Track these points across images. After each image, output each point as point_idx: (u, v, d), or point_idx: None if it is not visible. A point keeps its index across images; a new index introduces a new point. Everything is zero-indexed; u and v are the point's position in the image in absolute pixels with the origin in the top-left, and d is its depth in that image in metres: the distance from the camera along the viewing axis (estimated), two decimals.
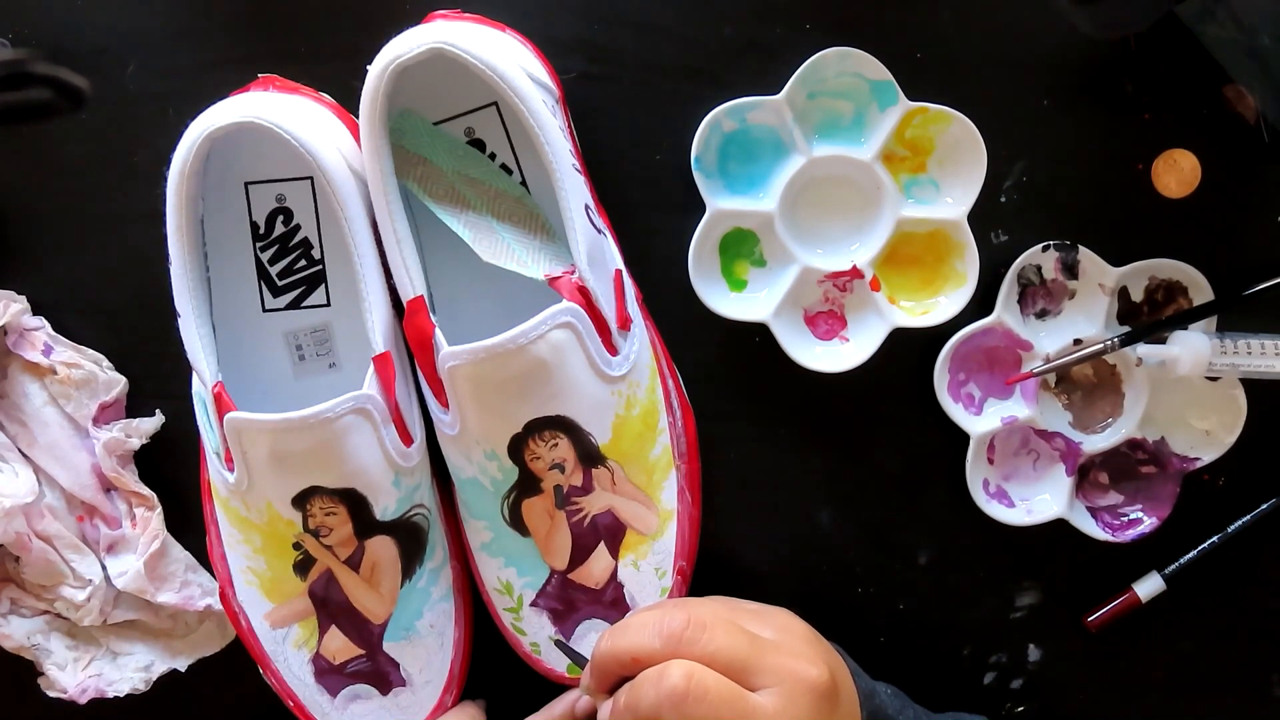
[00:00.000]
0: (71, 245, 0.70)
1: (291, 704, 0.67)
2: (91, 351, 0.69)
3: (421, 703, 0.67)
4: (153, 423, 0.68)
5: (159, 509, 0.68)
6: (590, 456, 0.64)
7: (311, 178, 0.66)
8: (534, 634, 0.67)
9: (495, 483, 0.64)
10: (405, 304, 0.61)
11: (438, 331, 0.60)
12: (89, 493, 0.68)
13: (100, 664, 0.70)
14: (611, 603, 0.66)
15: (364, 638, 0.66)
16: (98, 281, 0.70)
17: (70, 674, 0.69)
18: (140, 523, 0.68)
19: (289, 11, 0.69)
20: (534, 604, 0.66)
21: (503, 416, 0.62)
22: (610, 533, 0.65)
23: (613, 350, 0.63)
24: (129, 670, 0.70)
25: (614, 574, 0.66)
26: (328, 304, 0.68)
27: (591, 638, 0.66)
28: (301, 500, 0.62)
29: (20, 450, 0.69)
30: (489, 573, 0.67)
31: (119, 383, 0.68)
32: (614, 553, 0.66)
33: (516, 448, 0.63)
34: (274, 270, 0.67)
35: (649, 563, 0.66)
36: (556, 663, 0.67)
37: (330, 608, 0.65)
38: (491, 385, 0.60)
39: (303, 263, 0.67)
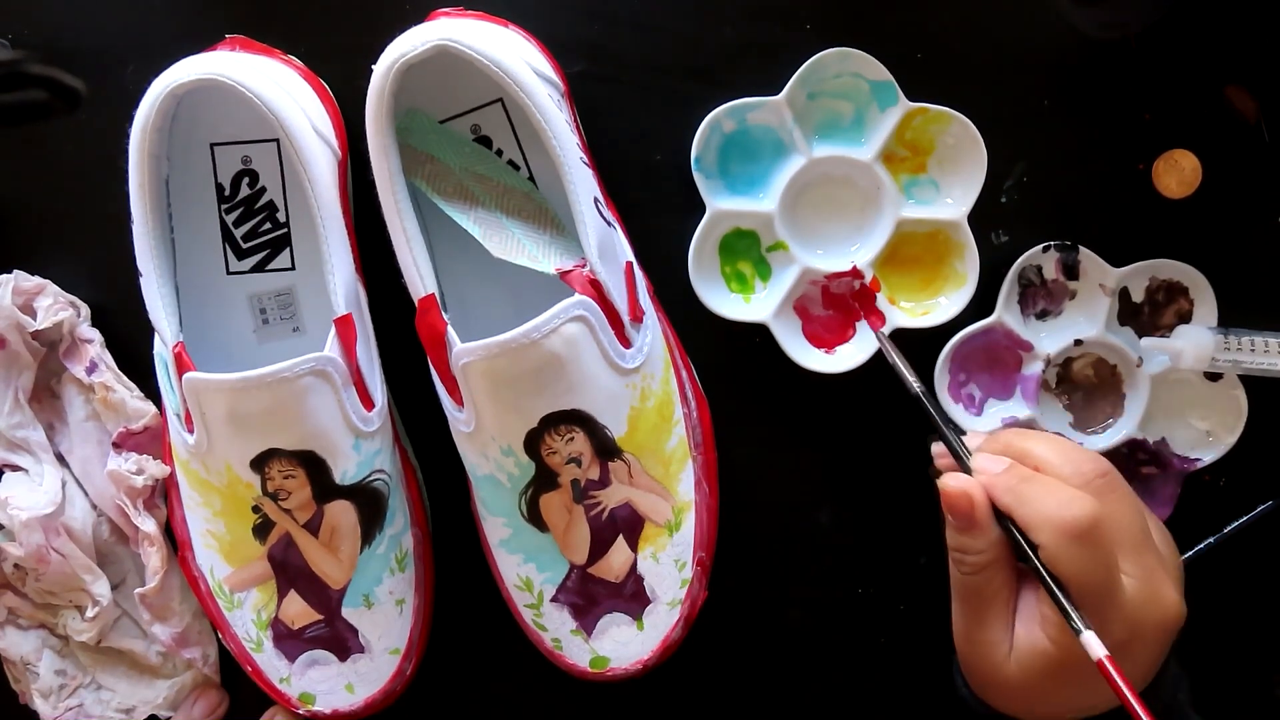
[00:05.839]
0: (71, 245, 0.70)
1: (249, 669, 0.67)
2: (126, 379, 0.69)
3: (380, 669, 0.67)
4: (163, 468, 0.68)
5: (159, 544, 0.68)
6: (606, 450, 0.64)
7: (277, 140, 0.66)
8: (555, 630, 0.67)
9: (512, 479, 0.64)
10: (417, 303, 0.61)
11: (450, 329, 0.60)
12: (113, 511, 0.68)
13: (83, 694, 0.70)
14: (632, 596, 0.66)
15: (322, 603, 0.65)
16: (97, 281, 0.70)
17: (51, 702, 0.69)
18: (143, 557, 0.68)
19: (291, 11, 0.69)
20: (554, 599, 0.66)
21: (518, 412, 0.62)
22: (629, 525, 0.65)
23: (626, 343, 0.63)
24: (110, 708, 0.70)
25: (634, 567, 0.66)
26: (292, 268, 0.68)
27: (613, 632, 0.66)
28: (260, 463, 0.62)
29: (60, 452, 0.69)
30: (508, 569, 0.67)
31: (146, 413, 0.68)
32: (633, 545, 0.66)
33: (533, 443, 0.63)
34: (239, 233, 0.67)
35: (668, 554, 0.66)
36: (579, 658, 0.67)
37: (289, 572, 0.65)
38: (506, 381, 0.60)
39: (267, 226, 0.68)
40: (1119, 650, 0.55)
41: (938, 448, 0.64)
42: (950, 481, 0.60)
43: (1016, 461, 0.60)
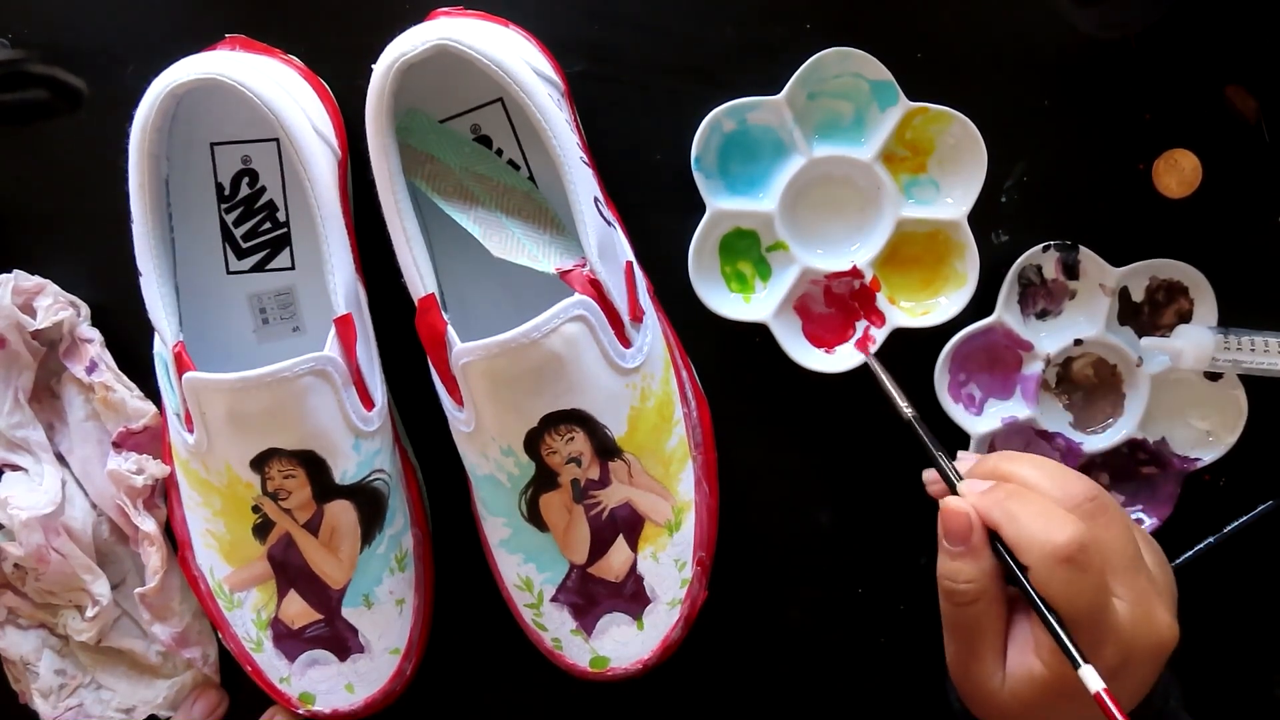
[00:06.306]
0: (71, 245, 0.70)
1: (249, 668, 0.67)
2: (126, 378, 0.69)
3: (380, 669, 0.67)
4: (163, 468, 0.67)
5: (159, 544, 0.68)
6: (606, 449, 0.64)
7: (277, 140, 0.66)
8: (555, 629, 0.67)
9: (512, 479, 0.64)
10: (416, 302, 0.61)
11: (450, 329, 0.60)
12: (113, 511, 0.68)
13: (83, 694, 0.70)
14: (632, 596, 0.66)
15: (322, 603, 0.65)
16: (97, 281, 0.70)
17: (51, 702, 0.69)
18: (143, 556, 0.68)
19: (291, 11, 0.69)
20: (554, 599, 0.66)
21: (518, 412, 0.62)
22: (629, 525, 0.65)
23: (626, 342, 0.63)
24: (110, 708, 0.70)
25: (634, 567, 0.66)
26: (292, 267, 0.68)
27: (613, 631, 0.66)
28: (260, 462, 0.62)
29: (60, 452, 0.69)
30: (508, 569, 0.67)
31: (146, 413, 0.68)
32: (633, 545, 0.65)
33: (533, 443, 0.63)
34: (239, 232, 0.68)
35: (668, 554, 0.66)
36: (579, 658, 0.67)
37: (289, 572, 0.65)
38: (506, 381, 0.60)
39: (267, 225, 0.68)
40: (1112, 675, 0.55)
41: (930, 474, 0.64)
42: (950, 502, 0.60)
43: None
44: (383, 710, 0.68)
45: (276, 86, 0.61)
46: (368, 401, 0.63)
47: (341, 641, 0.66)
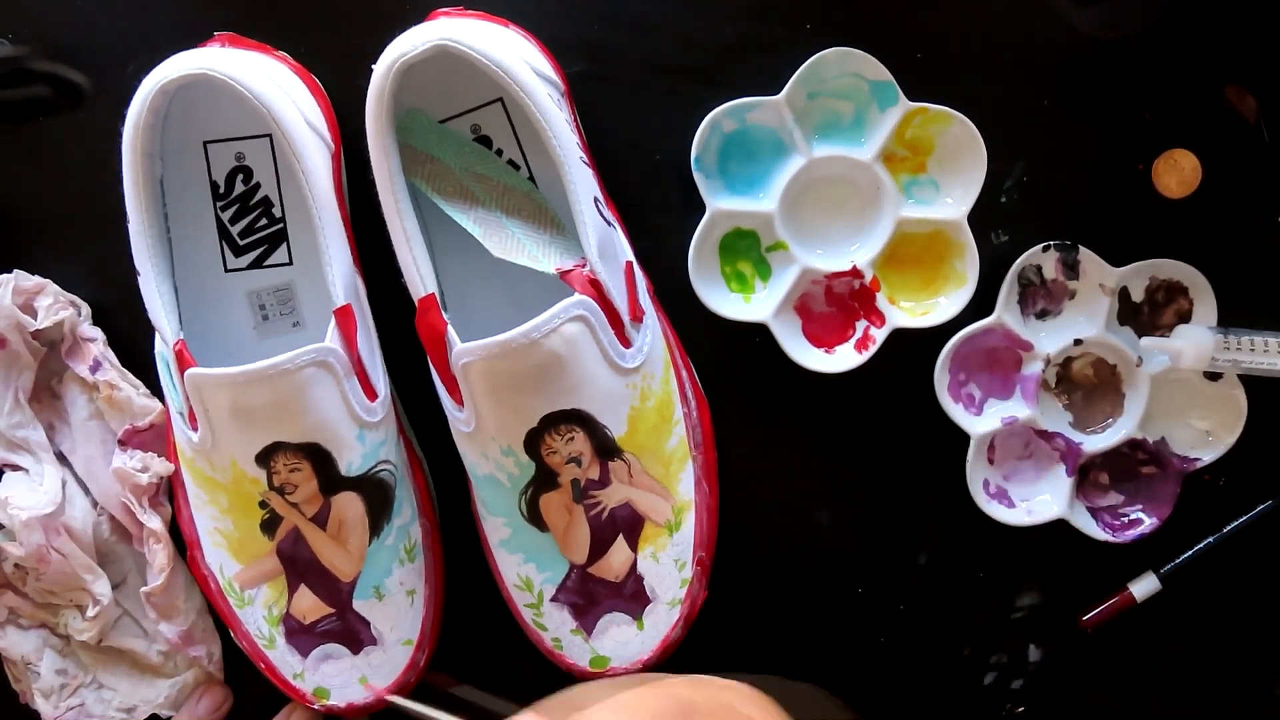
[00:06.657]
0: (71, 245, 0.70)
1: (262, 666, 0.67)
2: (132, 376, 0.69)
3: (393, 661, 0.67)
4: (168, 466, 0.67)
5: (165, 542, 0.68)
6: (606, 449, 0.64)
7: (270, 135, 0.66)
8: (555, 629, 0.67)
9: (512, 478, 0.64)
10: (416, 302, 0.61)
11: (450, 329, 0.60)
12: (117, 509, 0.68)
13: (85, 693, 0.70)
14: (632, 596, 0.66)
15: (333, 596, 0.65)
16: (97, 281, 0.70)
17: (52, 702, 0.69)
18: (149, 554, 0.68)
19: (291, 11, 0.69)
20: (554, 599, 0.66)
21: (518, 412, 0.62)
22: (629, 525, 0.65)
23: (626, 342, 0.63)
24: (111, 708, 0.70)
25: (634, 567, 0.66)
26: (290, 263, 0.68)
27: (613, 631, 0.66)
28: (265, 457, 0.62)
29: (62, 451, 0.69)
30: (508, 569, 0.67)
31: (153, 410, 0.68)
32: (633, 545, 0.66)
33: (533, 443, 0.63)
34: (235, 230, 0.68)
35: (668, 554, 0.66)
36: (579, 658, 0.67)
37: (299, 566, 0.65)
38: (506, 381, 0.60)
39: (264, 221, 0.68)
40: None
41: None
42: None
43: None
44: None
45: (267, 80, 0.61)
46: (370, 392, 0.63)
47: (354, 634, 0.66)
